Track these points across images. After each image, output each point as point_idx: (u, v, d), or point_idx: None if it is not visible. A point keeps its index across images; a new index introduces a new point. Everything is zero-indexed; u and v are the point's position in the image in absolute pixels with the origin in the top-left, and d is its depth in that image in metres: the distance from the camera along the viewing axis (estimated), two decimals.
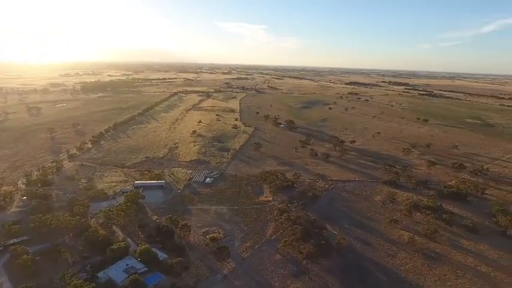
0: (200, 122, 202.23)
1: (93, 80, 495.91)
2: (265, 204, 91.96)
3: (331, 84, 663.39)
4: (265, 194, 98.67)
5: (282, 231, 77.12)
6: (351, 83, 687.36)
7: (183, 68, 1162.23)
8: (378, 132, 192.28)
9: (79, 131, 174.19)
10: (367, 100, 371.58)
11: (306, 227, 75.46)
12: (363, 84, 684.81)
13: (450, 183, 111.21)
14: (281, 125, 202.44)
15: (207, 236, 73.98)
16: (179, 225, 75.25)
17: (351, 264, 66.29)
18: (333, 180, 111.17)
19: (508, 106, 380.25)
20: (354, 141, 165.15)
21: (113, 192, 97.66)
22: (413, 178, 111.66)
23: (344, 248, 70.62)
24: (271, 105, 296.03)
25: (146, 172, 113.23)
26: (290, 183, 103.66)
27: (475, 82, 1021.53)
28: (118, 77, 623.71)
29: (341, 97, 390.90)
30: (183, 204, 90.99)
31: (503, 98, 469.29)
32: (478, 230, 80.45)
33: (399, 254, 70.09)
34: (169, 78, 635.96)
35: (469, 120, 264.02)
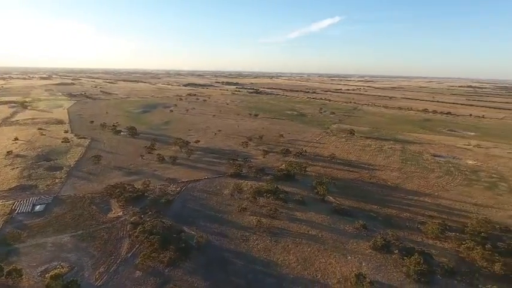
0: (17, 139, 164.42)
1: None
2: (116, 220, 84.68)
3: (169, 86, 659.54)
4: (114, 210, 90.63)
5: (138, 245, 73.13)
6: (188, 85, 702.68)
7: None
8: (219, 130, 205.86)
9: None
10: (205, 100, 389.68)
11: (164, 235, 74.22)
12: (200, 85, 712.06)
13: (281, 167, 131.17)
14: (122, 133, 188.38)
15: (46, 275, 62.25)
16: (4, 273, 60.37)
17: (212, 259, 69.67)
18: (183, 181, 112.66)
19: (312, 98, 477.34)
20: (199, 141, 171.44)
21: None
22: (254, 168, 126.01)
23: (203, 245, 73.48)
24: (107, 112, 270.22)
25: None
26: (140, 193, 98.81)
27: (288, 80, 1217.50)
28: None
29: (181, 99, 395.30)
30: (6, 245, 73.08)
31: (308, 92, 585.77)
32: (305, 202, 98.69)
33: (251, 237, 78.37)
34: None
35: (288, 112, 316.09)
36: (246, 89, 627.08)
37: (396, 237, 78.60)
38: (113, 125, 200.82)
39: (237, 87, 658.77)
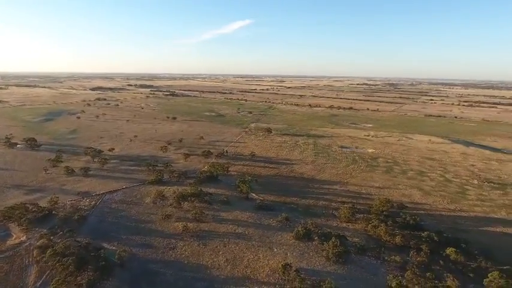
0: None
1: None
2: (18, 247, 73.75)
3: (74, 90, 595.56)
4: (14, 236, 78.73)
5: (49, 271, 65.11)
6: (96, 88, 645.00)
7: None
8: (135, 136, 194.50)
9: None
10: (117, 105, 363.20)
11: (80, 255, 67.43)
12: (109, 88, 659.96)
13: (204, 169, 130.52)
14: (18, 145, 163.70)
15: None
16: None
17: (137, 273, 65.98)
18: (99, 194, 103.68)
19: (229, 99, 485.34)
20: (113, 149, 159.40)
21: None
22: (175, 172, 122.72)
23: (127, 260, 69.00)
24: None
25: None
26: (47, 212, 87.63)
27: (204, 81, 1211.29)
28: None
29: (88, 104, 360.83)
30: None
31: (225, 93, 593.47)
32: (230, 201, 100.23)
33: (178, 244, 76.51)
34: None
35: (206, 113, 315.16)
36: (161, 91, 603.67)
37: (315, 225, 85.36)
38: (6, 137, 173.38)
39: (152, 90, 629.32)
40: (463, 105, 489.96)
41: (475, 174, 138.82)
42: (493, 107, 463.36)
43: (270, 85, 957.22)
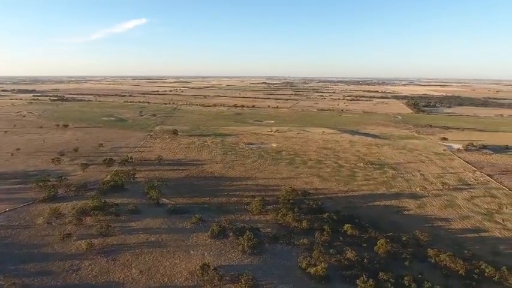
0: None
1: None
2: None
3: None
4: None
5: None
6: None
7: None
8: (17, 149, 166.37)
9: None
10: None
11: None
12: None
13: (107, 178, 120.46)
14: None
15: None
16: None
17: None
18: None
19: (130, 102, 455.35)
20: None
21: None
22: (73, 185, 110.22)
23: None
24: None
25: None
26: None
27: (100, 84, 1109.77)
28: None
29: None
30: None
31: (125, 96, 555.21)
32: (140, 209, 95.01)
33: (83, 264, 69.28)
34: None
35: (105, 118, 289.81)
36: (48, 96, 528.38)
37: (229, 221, 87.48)
38: None
39: (35, 95, 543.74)
40: (347, 99, 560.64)
41: (361, 158, 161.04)
42: (369, 100, 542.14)
43: (173, 86, 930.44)
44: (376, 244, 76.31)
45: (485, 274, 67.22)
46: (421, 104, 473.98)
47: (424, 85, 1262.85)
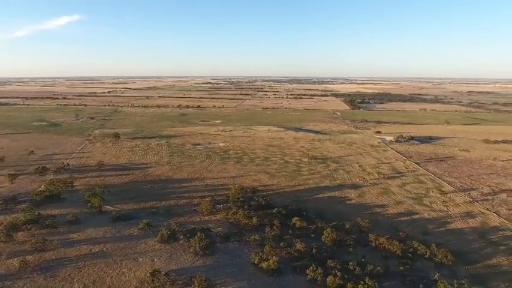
0: None
1: None
2: None
3: None
4: None
5: None
6: None
7: None
8: None
9: None
10: None
11: None
12: None
13: (40, 188, 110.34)
14: None
15: None
16: None
17: None
18: None
19: (64, 105, 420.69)
20: None
21: None
22: None
23: None
24: None
25: None
26: None
27: (27, 85, 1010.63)
28: None
29: None
30: None
31: (58, 98, 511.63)
32: (80, 219, 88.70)
33: (16, 285, 62.83)
34: None
35: (35, 123, 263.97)
36: None
37: (179, 224, 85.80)
38: None
39: None
40: (290, 98, 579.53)
41: (305, 153, 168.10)
42: (310, 98, 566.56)
43: (112, 87, 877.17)
44: (323, 234, 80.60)
45: (418, 252, 74.95)
46: (356, 100, 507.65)
47: (359, 83, 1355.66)
